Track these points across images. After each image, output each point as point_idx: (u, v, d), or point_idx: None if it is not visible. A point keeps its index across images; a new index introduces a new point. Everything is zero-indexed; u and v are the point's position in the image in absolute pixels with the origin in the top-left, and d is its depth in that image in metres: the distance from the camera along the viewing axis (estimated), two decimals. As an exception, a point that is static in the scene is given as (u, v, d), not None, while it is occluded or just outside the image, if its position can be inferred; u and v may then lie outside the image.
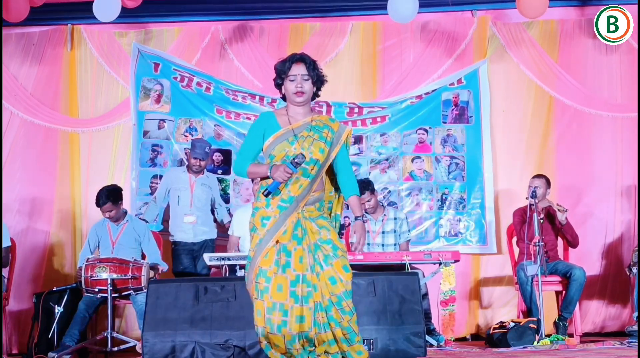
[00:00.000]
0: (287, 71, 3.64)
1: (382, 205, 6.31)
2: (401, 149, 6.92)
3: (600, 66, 6.92)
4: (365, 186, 5.91)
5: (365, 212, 6.19)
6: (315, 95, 3.74)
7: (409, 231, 6.25)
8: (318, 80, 3.69)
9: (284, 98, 3.75)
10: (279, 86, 3.72)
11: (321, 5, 7.06)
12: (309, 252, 3.57)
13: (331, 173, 3.77)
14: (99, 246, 5.92)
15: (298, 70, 3.63)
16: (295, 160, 3.50)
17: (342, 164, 3.73)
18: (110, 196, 5.75)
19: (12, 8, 6.15)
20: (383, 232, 6.09)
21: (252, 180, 6.08)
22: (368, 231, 6.07)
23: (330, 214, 3.77)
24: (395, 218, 6.13)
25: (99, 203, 5.77)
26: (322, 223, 3.64)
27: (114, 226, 5.90)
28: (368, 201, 5.99)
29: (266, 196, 3.55)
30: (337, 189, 3.80)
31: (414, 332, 4.56)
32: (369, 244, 6.05)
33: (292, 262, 3.54)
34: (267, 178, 3.61)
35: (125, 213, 5.96)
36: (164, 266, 5.91)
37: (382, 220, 6.10)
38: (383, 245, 6.06)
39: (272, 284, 3.51)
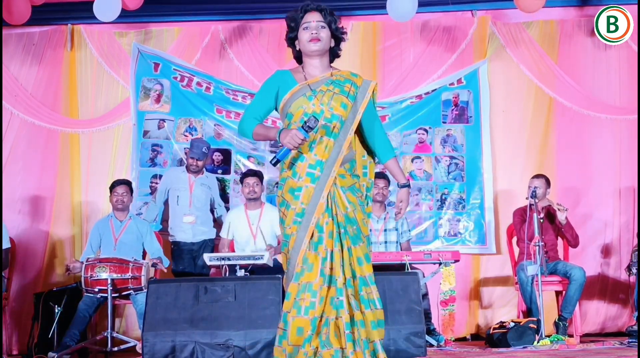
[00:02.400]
0: (300, 20, 3.30)
1: (384, 203, 6.28)
2: (401, 149, 6.92)
3: (600, 67, 6.92)
4: (382, 174, 5.93)
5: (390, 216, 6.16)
6: (335, 54, 3.39)
7: (410, 230, 6.26)
8: (337, 30, 3.33)
9: (298, 59, 3.43)
10: (291, 41, 3.38)
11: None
12: (336, 225, 3.22)
13: (359, 134, 3.40)
14: (100, 245, 5.92)
15: (313, 17, 3.29)
16: (307, 124, 3.11)
17: (371, 123, 3.37)
18: (125, 181, 6.02)
19: (14, 10, 6.15)
20: (385, 230, 6.09)
21: (242, 182, 6.08)
22: (370, 230, 6.04)
23: (360, 185, 3.38)
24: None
25: (114, 184, 5.96)
26: (352, 198, 3.27)
27: (117, 223, 5.93)
28: (383, 187, 6.00)
29: (274, 164, 3.19)
30: (368, 152, 3.43)
31: (414, 332, 4.56)
32: (371, 243, 6.03)
33: (324, 238, 3.20)
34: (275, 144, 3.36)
35: (128, 211, 6.02)
36: (166, 262, 5.92)
37: (385, 218, 6.11)
38: (386, 243, 6.07)
39: (307, 265, 3.19)
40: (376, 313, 3.25)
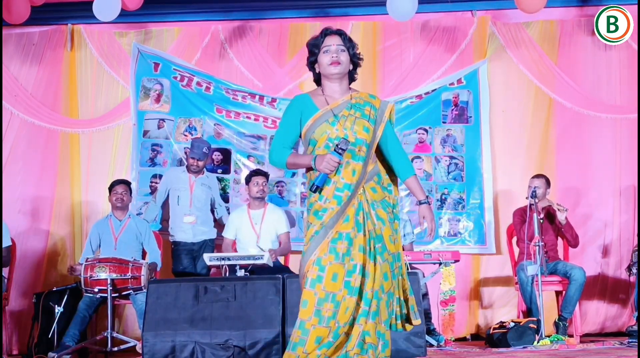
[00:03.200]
0: (321, 44, 3.38)
1: None
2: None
3: (600, 67, 6.91)
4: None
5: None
6: (352, 78, 3.46)
7: (413, 232, 6.25)
8: (355, 56, 3.41)
9: (317, 81, 3.48)
10: (312, 64, 3.43)
11: (321, 5, 7.06)
12: (369, 241, 3.27)
13: (379, 153, 3.46)
14: (100, 245, 5.93)
15: (333, 41, 3.37)
16: (340, 146, 3.18)
17: (390, 143, 3.42)
18: (124, 181, 6.05)
19: (13, 10, 6.15)
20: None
21: (248, 181, 6.09)
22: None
23: (391, 192, 3.43)
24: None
25: (114, 183, 6.00)
26: (382, 213, 3.32)
27: (116, 222, 5.94)
28: None
29: (315, 191, 3.25)
30: (388, 170, 3.48)
31: (414, 332, 4.54)
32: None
33: (353, 251, 3.23)
34: (310, 169, 3.32)
35: (127, 210, 6.03)
36: (158, 266, 5.95)
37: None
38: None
39: (326, 273, 3.20)
40: (387, 332, 3.31)
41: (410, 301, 3.40)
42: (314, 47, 3.42)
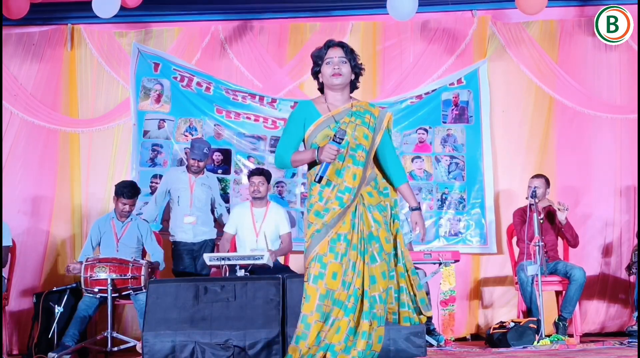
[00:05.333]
0: (324, 55, 3.57)
1: None
2: (401, 149, 6.92)
3: (600, 67, 6.91)
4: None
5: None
6: (354, 86, 3.65)
7: (411, 232, 6.25)
8: (357, 66, 3.60)
9: (321, 89, 3.66)
10: (316, 74, 3.63)
11: (321, 5, 7.06)
12: (361, 240, 3.48)
13: (374, 159, 3.65)
14: (100, 244, 5.93)
15: (335, 53, 3.56)
16: (338, 136, 3.39)
17: (386, 150, 3.62)
18: (134, 190, 5.94)
19: (12, 5, 6.15)
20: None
21: (248, 180, 6.08)
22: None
23: (387, 201, 3.61)
24: None
25: (124, 193, 5.85)
26: (378, 216, 3.52)
27: (118, 223, 5.93)
28: None
29: (319, 182, 3.43)
30: (384, 175, 3.67)
31: (414, 332, 4.56)
32: None
33: (350, 251, 3.45)
34: (314, 164, 3.49)
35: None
36: (161, 266, 5.94)
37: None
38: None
39: (327, 271, 3.41)
40: (380, 329, 3.48)
41: (420, 295, 3.59)
42: (317, 59, 3.61)
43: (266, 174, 6.10)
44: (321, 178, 3.42)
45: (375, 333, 3.45)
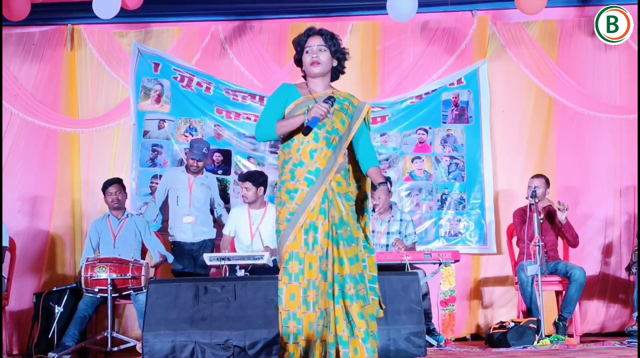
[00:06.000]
0: (304, 44, 3.60)
1: (391, 206, 6.25)
2: (401, 149, 6.92)
3: (600, 66, 6.92)
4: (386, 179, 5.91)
5: (373, 210, 6.17)
6: (338, 72, 3.67)
7: (415, 233, 6.24)
8: (338, 51, 3.62)
9: (304, 77, 3.69)
10: (298, 62, 3.66)
11: (321, 5, 7.06)
12: (332, 225, 3.50)
13: (349, 151, 3.68)
14: (99, 243, 5.93)
15: (314, 41, 3.58)
16: (329, 98, 3.47)
17: (360, 138, 3.64)
18: (115, 180, 6.01)
19: (13, 6, 6.15)
20: (388, 233, 6.08)
21: (241, 184, 6.05)
22: (373, 231, 6.04)
23: (354, 193, 3.65)
24: (401, 220, 6.12)
25: (106, 184, 5.96)
26: (346, 204, 3.55)
27: (115, 221, 5.94)
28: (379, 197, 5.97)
29: (306, 133, 3.44)
30: (355, 169, 3.70)
31: (414, 332, 4.56)
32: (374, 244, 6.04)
33: (320, 238, 3.48)
34: (298, 132, 3.50)
35: (125, 209, 6.04)
36: (170, 258, 5.96)
37: (389, 221, 6.09)
38: (387, 246, 6.05)
39: (305, 265, 3.46)
40: (367, 307, 3.51)
41: (379, 287, 3.66)
42: (298, 46, 3.65)
43: (254, 179, 5.99)
44: (309, 128, 3.43)
45: (365, 312, 3.49)
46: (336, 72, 3.69)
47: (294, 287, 3.45)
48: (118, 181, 6.04)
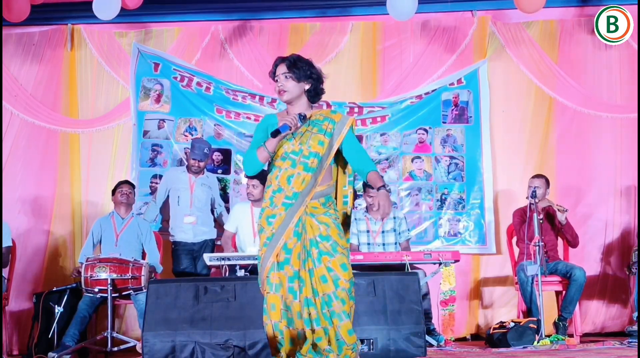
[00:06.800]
0: (274, 75, 3.67)
1: None
2: (401, 149, 6.92)
3: (600, 67, 6.92)
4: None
5: (366, 211, 6.20)
6: (315, 93, 3.68)
7: (409, 230, 6.26)
8: (306, 76, 3.63)
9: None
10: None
11: (321, 5, 7.06)
12: (303, 248, 3.56)
13: (342, 163, 3.74)
14: (101, 241, 5.94)
15: (279, 70, 3.64)
16: (302, 114, 3.59)
17: (351, 148, 3.67)
18: (129, 181, 6.14)
19: (13, 7, 6.15)
20: (383, 231, 6.09)
21: (246, 182, 6.07)
22: (368, 231, 6.07)
23: (337, 210, 3.68)
24: (394, 218, 6.14)
25: (120, 183, 6.07)
26: (325, 219, 3.59)
27: (119, 219, 5.96)
28: (374, 195, 5.99)
29: (274, 136, 3.55)
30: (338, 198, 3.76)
31: (414, 332, 4.56)
32: (369, 244, 6.06)
33: (291, 259, 3.55)
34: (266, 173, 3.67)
35: (131, 210, 6.08)
36: (159, 269, 5.97)
37: (382, 219, 6.09)
38: (384, 244, 6.07)
39: (282, 280, 3.56)
40: (345, 324, 3.51)
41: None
42: (272, 77, 3.71)
43: (261, 177, 6.05)
44: (277, 131, 3.54)
45: (341, 329, 3.49)
46: (316, 95, 3.70)
47: (275, 297, 3.57)
48: (131, 184, 6.14)
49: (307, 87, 3.66)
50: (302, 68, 3.63)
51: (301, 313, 3.53)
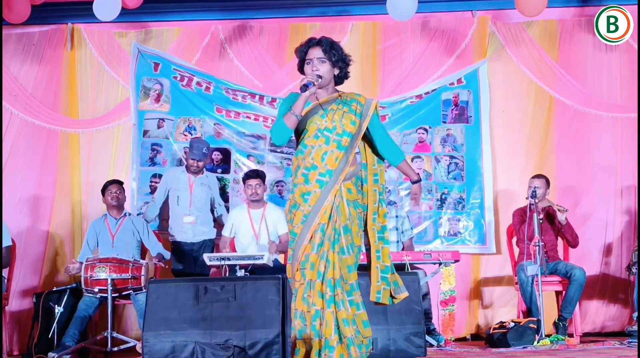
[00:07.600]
0: (305, 56, 3.66)
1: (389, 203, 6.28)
2: (401, 148, 6.91)
3: (600, 66, 6.92)
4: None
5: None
6: (342, 77, 3.73)
7: (411, 228, 6.26)
8: (339, 60, 3.67)
9: None
10: (301, 70, 3.73)
11: (321, 5, 7.06)
12: (334, 231, 3.58)
13: (369, 144, 3.78)
14: (97, 244, 5.93)
15: (314, 53, 3.64)
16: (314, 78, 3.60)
17: (379, 133, 3.74)
18: (116, 180, 6.06)
19: (13, 8, 6.15)
20: (386, 230, 6.09)
21: (244, 183, 6.07)
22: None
23: (365, 196, 3.72)
24: (396, 216, 6.14)
25: (106, 184, 6.00)
26: (353, 211, 3.63)
27: (112, 220, 5.95)
28: None
29: (303, 90, 3.54)
30: (379, 159, 3.80)
31: (414, 332, 4.57)
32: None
33: (325, 241, 3.57)
34: (303, 127, 3.65)
35: (123, 209, 6.05)
36: (167, 254, 5.96)
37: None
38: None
39: (308, 263, 3.57)
40: (361, 314, 3.60)
41: (392, 278, 3.75)
42: (299, 56, 3.71)
43: (262, 176, 6.08)
44: (305, 86, 3.54)
45: (357, 318, 3.56)
46: (342, 79, 3.74)
47: (298, 283, 3.59)
48: (119, 182, 6.08)
49: (336, 72, 3.69)
50: (336, 53, 3.66)
51: (323, 292, 3.54)
